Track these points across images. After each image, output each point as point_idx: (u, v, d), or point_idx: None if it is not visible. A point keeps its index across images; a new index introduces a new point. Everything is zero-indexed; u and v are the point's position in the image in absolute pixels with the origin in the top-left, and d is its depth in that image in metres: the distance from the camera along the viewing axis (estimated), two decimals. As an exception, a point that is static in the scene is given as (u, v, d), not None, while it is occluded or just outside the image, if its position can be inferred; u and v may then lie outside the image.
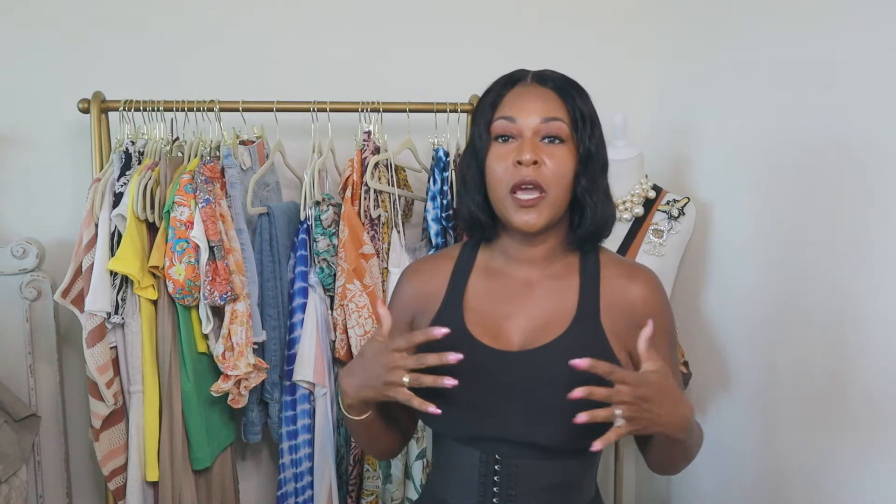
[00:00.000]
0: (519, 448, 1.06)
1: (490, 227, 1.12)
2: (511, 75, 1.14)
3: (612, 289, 1.10)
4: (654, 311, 1.09)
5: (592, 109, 1.11)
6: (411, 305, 1.18)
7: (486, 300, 1.12)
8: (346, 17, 2.03)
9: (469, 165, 1.11)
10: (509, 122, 1.06)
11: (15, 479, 1.66)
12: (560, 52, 2.13)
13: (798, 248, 1.51)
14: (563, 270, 1.12)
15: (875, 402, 1.31)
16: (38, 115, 1.92)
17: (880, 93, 1.28)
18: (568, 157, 1.06)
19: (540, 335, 1.08)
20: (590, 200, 1.07)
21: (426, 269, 1.19)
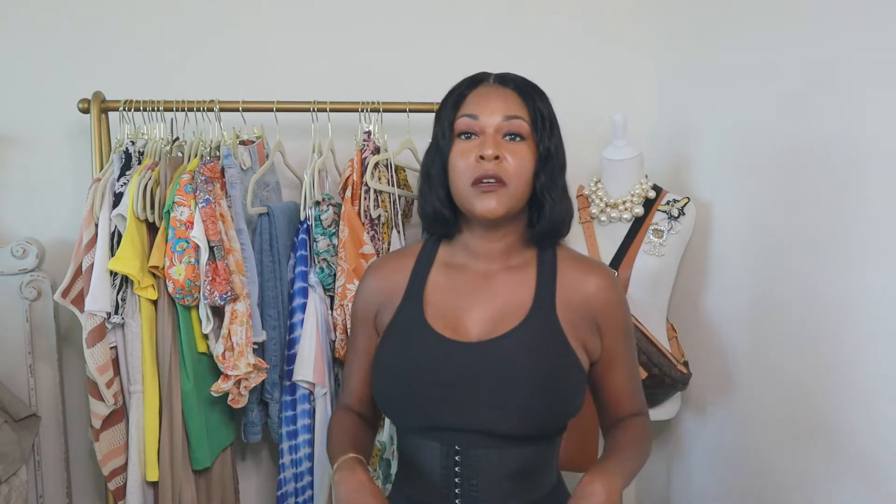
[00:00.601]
0: (478, 437, 1.09)
1: (452, 222, 1.16)
2: (474, 77, 1.18)
3: (569, 282, 1.14)
4: (608, 305, 1.14)
5: (552, 111, 1.16)
6: (375, 299, 1.22)
7: (446, 293, 1.16)
8: (346, 17, 2.03)
9: (433, 163, 1.15)
10: (472, 119, 1.11)
11: (15, 479, 1.66)
12: (560, 52, 2.13)
13: (798, 249, 1.51)
14: (521, 265, 1.16)
15: (875, 402, 1.31)
16: (38, 115, 1.92)
17: (880, 93, 1.28)
18: (528, 154, 1.11)
19: (497, 326, 1.11)
20: (548, 198, 1.12)
21: (389, 265, 1.24)
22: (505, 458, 1.09)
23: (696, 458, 1.94)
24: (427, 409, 1.10)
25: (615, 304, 1.16)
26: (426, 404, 1.10)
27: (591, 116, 2.12)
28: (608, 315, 1.15)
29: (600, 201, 1.85)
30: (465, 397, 1.08)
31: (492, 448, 1.09)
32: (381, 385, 1.15)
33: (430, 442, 1.11)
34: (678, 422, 2.01)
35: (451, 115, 1.13)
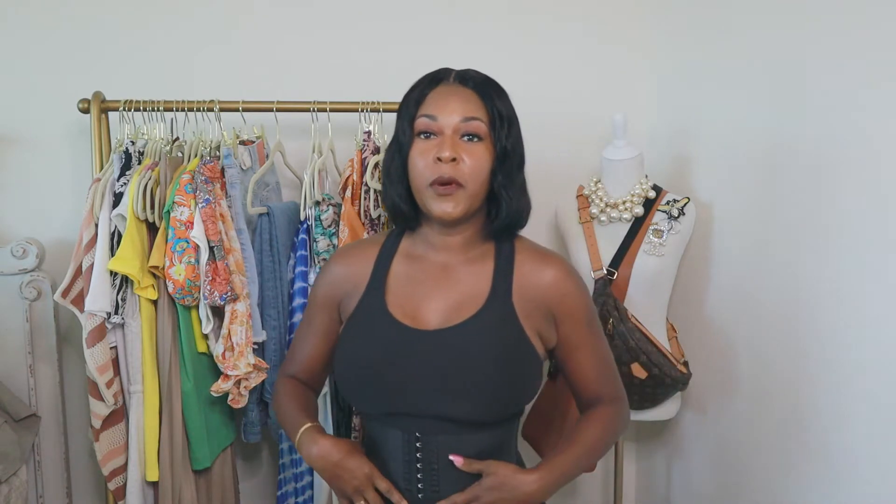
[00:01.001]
0: (437, 424, 1.12)
1: (412, 216, 1.19)
2: (435, 74, 1.20)
3: (525, 273, 1.18)
4: (564, 295, 1.18)
5: (511, 109, 1.18)
6: (339, 286, 1.24)
7: (407, 283, 1.19)
8: (346, 17, 2.03)
9: (393, 159, 1.18)
10: (431, 120, 1.13)
11: (15, 479, 1.66)
12: (560, 52, 2.13)
13: (798, 249, 1.51)
14: (479, 256, 1.20)
15: (877, 401, 1.31)
16: (38, 115, 1.93)
17: (880, 93, 1.28)
18: (485, 154, 1.13)
19: (455, 315, 1.15)
20: (505, 195, 1.15)
21: (354, 254, 1.27)
22: (464, 443, 1.13)
23: (696, 458, 1.94)
24: (387, 396, 1.14)
25: (572, 294, 1.19)
26: (386, 391, 1.14)
27: (591, 116, 2.12)
28: (564, 304, 1.18)
29: (600, 201, 1.85)
30: (423, 384, 1.12)
31: (451, 434, 1.12)
32: (343, 371, 1.19)
33: (392, 429, 1.15)
34: (678, 422, 2.02)
35: (412, 112, 1.15)
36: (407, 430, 1.14)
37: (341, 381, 1.20)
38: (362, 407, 1.20)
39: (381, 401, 1.15)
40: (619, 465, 2.04)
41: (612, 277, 1.79)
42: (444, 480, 1.14)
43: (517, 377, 1.14)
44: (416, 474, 1.14)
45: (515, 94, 2.07)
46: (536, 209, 2.14)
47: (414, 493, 1.15)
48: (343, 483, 1.13)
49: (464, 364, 1.11)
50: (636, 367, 1.72)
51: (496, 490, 1.09)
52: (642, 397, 1.77)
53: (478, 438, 1.14)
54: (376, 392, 1.15)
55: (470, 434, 1.13)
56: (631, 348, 1.70)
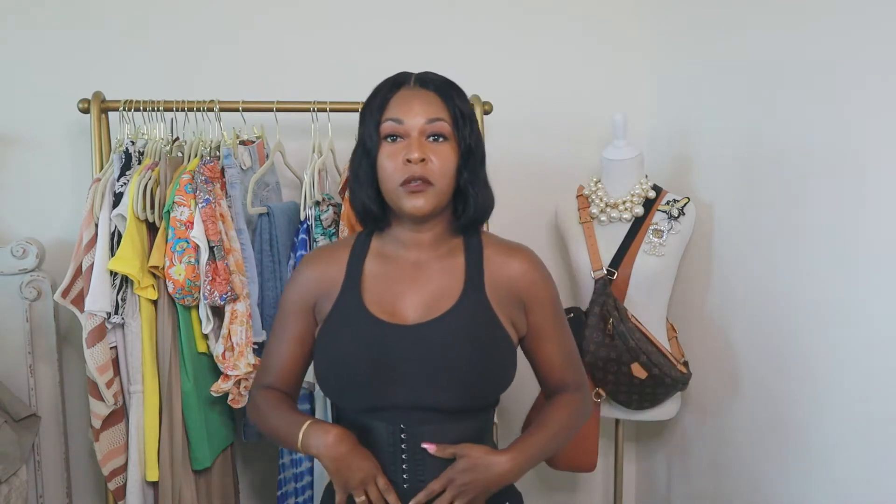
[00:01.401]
0: (421, 413, 1.16)
1: (381, 217, 1.23)
2: (395, 78, 1.23)
3: (495, 265, 1.23)
4: (532, 284, 1.24)
5: (470, 108, 1.22)
6: (313, 290, 1.26)
7: (382, 281, 1.23)
8: (345, 17, 2.03)
9: (361, 163, 1.21)
10: (397, 123, 1.17)
11: (15, 479, 1.66)
12: (560, 52, 2.13)
13: (798, 249, 1.51)
14: (450, 251, 1.24)
15: (877, 402, 1.31)
16: (38, 115, 1.93)
17: (881, 94, 1.28)
18: (451, 153, 1.18)
19: (433, 309, 1.19)
20: (472, 190, 1.20)
21: (325, 257, 1.29)
22: (447, 431, 1.17)
23: (696, 458, 1.94)
24: (372, 391, 1.17)
25: (539, 282, 1.25)
26: (371, 386, 1.17)
27: (591, 116, 2.13)
28: (533, 293, 1.24)
29: (600, 201, 1.85)
30: (407, 377, 1.16)
31: (435, 423, 1.16)
32: (326, 371, 1.21)
33: (376, 422, 1.18)
34: (678, 422, 2.02)
35: (377, 117, 1.19)
36: (391, 422, 1.17)
37: (323, 380, 1.22)
38: (346, 403, 1.23)
39: (366, 396, 1.18)
40: (619, 465, 2.04)
41: (612, 277, 1.79)
42: (429, 470, 1.17)
43: (496, 365, 1.19)
44: (401, 465, 1.17)
45: (516, 94, 2.09)
46: (536, 209, 2.16)
47: (399, 484, 1.18)
48: (349, 474, 1.13)
49: (446, 355, 1.15)
50: (636, 367, 1.72)
51: (470, 471, 1.12)
52: (642, 397, 1.77)
53: (460, 427, 1.18)
54: (361, 388, 1.17)
55: (452, 423, 1.17)
56: (631, 348, 1.70)
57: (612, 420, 2.00)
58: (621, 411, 1.85)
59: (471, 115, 1.21)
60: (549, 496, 2.30)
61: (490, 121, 1.98)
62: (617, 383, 1.75)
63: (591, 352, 1.75)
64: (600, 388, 1.79)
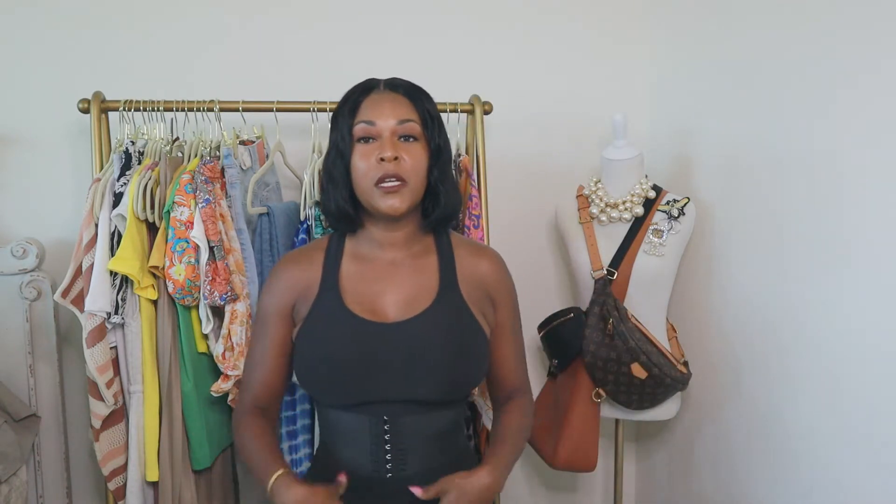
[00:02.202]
0: (403, 406, 1.22)
1: (356, 218, 1.27)
2: (365, 84, 1.28)
3: (465, 265, 1.30)
4: (499, 283, 1.31)
5: (437, 110, 1.27)
6: (291, 293, 1.29)
7: (360, 281, 1.27)
8: (345, 17, 2.03)
9: (335, 165, 1.25)
10: (369, 125, 1.22)
11: (15, 479, 1.66)
12: (560, 52, 2.13)
13: (798, 249, 1.51)
14: (422, 250, 1.30)
15: (878, 402, 1.31)
16: (38, 115, 1.93)
17: (880, 93, 1.28)
18: (421, 152, 1.23)
19: (412, 307, 1.24)
20: (442, 188, 1.25)
21: (300, 259, 1.32)
22: (428, 422, 1.24)
23: (696, 458, 1.94)
24: (355, 387, 1.21)
25: (505, 282, 1.32)
26: (355, 382, 1.21)
27: (591, 116, 2.13)
28: (499, 291, 1.31)
29: (600, 201, 1.85)
30: (391, 373, 1.20)
31: (416, 414, 1.23)
32: (308, 370, 1.25)
33: (359, 415, 1.23)
34: (678, 422, 2.02)
35: (349, 121, 1.23)
36: (375, 415, 1.22)
37: (306, 379, 1.26)
38: (330, 400, 1.26)
39: (350, 392, 1.22)
40: (619, 465, 2.04)
41: (612, 277, 1.79)
42: (411, 459, 1.23)
43: (473, 358, 1.25)
44: (384, 455, 1.23)
45: (516, 94, 2.09)
46: (536, 209, 2.17)
47: (383, 473, 1.23)
48: None
49: (427, 351, 1.21)
50: (636, 367, 1.72)
51: (462, 498, 1.16)
52: (642, 397, 1.77)
53: (438, 416, 1.25)
54: (344, 384, 1.21)
55: (432, 413, 1.24)
56: (631, 348, 1.70)
57: (612, 420, 2.00)
58: (621, 411, 1.85)
59: (438, 118, 1.26)
60: (549, 496, 2.30)
61: (490, 121, 1.98)
62: (617, 383, 1.76)
63: (591, 352, 1.75)
64: (600, 388, 1.79)
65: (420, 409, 1.23)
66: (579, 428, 1.81)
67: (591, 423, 1.82)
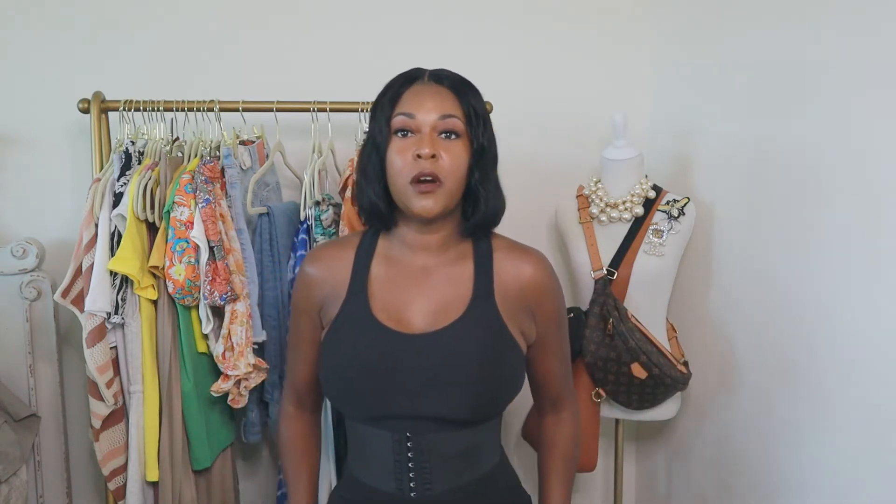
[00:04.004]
0: (427, 423, 1.14)
1: (389, 215, 1.19)
2: (409, 73, 1.20)
3: (504, 271, 1.19)
4: (542, 292, 1.20)
5: (484, 107, 1.18)
6: (319, 291, 1.23)
7: (389, 287, 1.19)
8: (346, 17, 2.03)
9: (370, 158, 1.17)
10: (408, 118, 1.13)
11: (15, 479, 1.66)
12: (560, 52, 2.13)
13: (798, 248, 1.51)
14: (458, 256, 1.20)
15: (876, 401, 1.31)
16: (38, 115, 1.92)
17: (880, 94, 1.28)
18: (462, 151, 1.14)
19: (440, 318, 1.16)
20: (482, 191, 1.16)
21: (329, 256, 1.25)
22: (453, 440, 1.15)
23: (696, 458, 1.94)
24: (377, 400, 1.15)
25: (549, 290, 1.21)
26: (377, 395, 1.14)
27: (591, 116, 2.12)
28: (542, 301, 1.20)
29: (600, 201, 1.85)
30: (413, 387, 1.13)
31: (442, 432, 1.14)
32: (330, 378, 1.19)
33: (382, 431, 1.16)
34: (678, 422, 2.02)
35: (388, 112, 1.15)
36: (397, 430, 1.15)
37: (328, 386, 1.20)
38: (351, 412, 1.20)
39: (371, 405, 1.15)
40: (619, 465, 2.04)
41: (612, 277, 1.79)
42: (436, 478, 1.15)
43: (504, 375, 1.16)
44: (407, 473, 1.15)
45: (516, 94, 2.09)
46: (536, 209, 2.16)
47: (406, 493, 1.16)
48: None
49: (453, 366, 1.13)
50: (636, 367, 1.72)
51: None
52: (642, 397, 1.77)
53: (466, 434, 1.16)
54: (366, 397, 1.15)
55: (458, 431, 1.15)
56: (631, 348, 1.70)
57: (612, 420, 2.00)
58: (621, 411, 1.85)
59: (485, 115, 1.17)
60: (549, 496, 2.30)
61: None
62: (617, 383, 1.75)
63: (591, 352, 1.75)
64: (600, 388, 1.79)
65: (445, 426, 1.14)
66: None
67: (591, 423, 1.82)
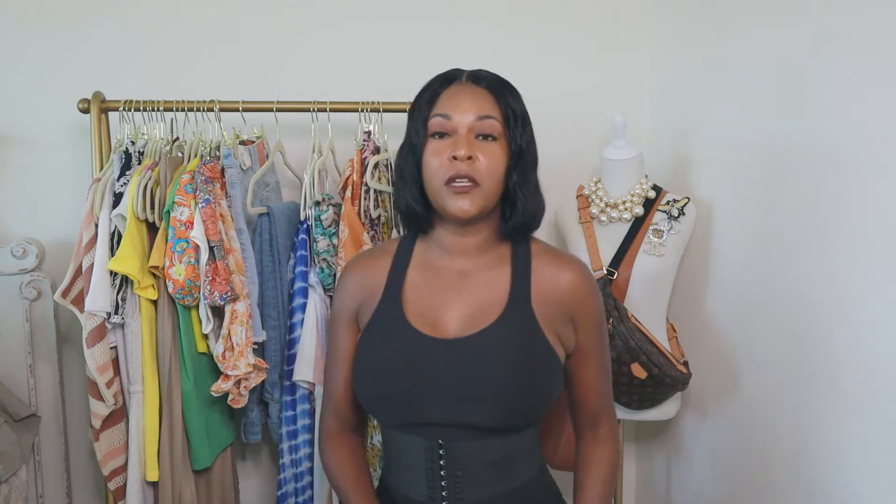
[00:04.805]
0: (460, 430, 1.11)
1: (425, 218, 1.17)
2: (447, 74, 1.19)
3: (543, 277, 1.16)
4: (582, 299, 1.16)
5: (524, 108, 1.17)
6: (356, 297, 1.23)
7: (424, 291, 1.18)
8: (345, 17, 2.03)
9: (406, 160, 1.16)
10: (445, 119, 1.11)
11: (15, 479, 1.66)
12: (560, 52, 2.13)
13: (798, 248, 1.51)
14: (496, 260, 1.18)
15: (876, 401, 1.31)
16: (38, 115, 1.92)
17: (880, 93, 1.28)
18: (500, 153, 1.12)
19: (475, 323, 1.13)
20: (520, 194, 1.13)
21: (366, 263, 1.25)
22: (487, 449, 1.12)
23: (696, 458, 1.94)
24: (409, 406, 1.13)
25: (589, 298, 1.18)
26: (408, 401, 1.12)
27: (591, 116, 2.12)
28: (581, 309, 1.17)
29: (600, 201, 1.85)
30: (446, 393, 1.11)
31: (475, 440, 1.12)
32: (363, 383, 1.17)
33: (414, 437, 1.14)
34: (678, 422, 2.02)
35: (425, 113, 1.14)
36: (429, 437, 1.13)
37: (360, 391, 1.18)
38: (383, 417, 1.18)
39: (403, 411, 1.14)
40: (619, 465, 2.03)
41: (612, 277, 1.79)
42: (468, 487, 1.13)
43: (538, 384, 1.13)
44: (439, 482, 1.13)
45: (515, 94, 2.08)
46: (536, 209, 2.16)
47: (438, 501, 1.14)
48: None
49: (485, 372, 1.10)
50: (636, 367, 1.72)
51: None
52: (642, 397, 1.77)
53: (500, 443, 1.13)
54: (398, 402, 1.13)
55: (493, 439, 1.12)
56: (631, 348, 1.70)
57: (612, 420, 2.00)
58: (621, 411, 1.85)
59: (524, 116, 1.16)
60: (549, 496, 2.30)
61: (490, 121, 1.97)
62: (617, 383, 1.75)
63: (591, 352, 1.75)
64: (600, 388, 1.79)
65: (479, 434, 1.11)
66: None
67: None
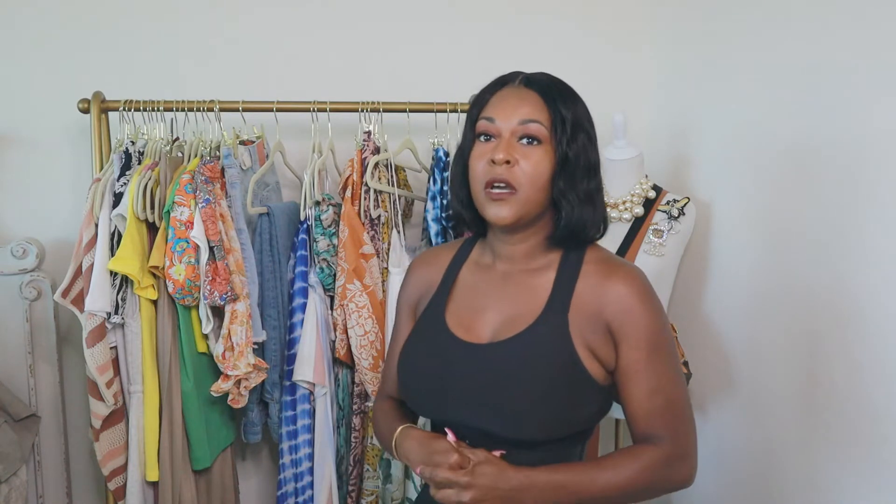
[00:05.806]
0: (484, 438, 1.08)
1: (473, 222, 1.17)
2: (503, 77, 1.17)
3: (587, 287, 1.10)
4: (626, 313, 1.07)
5: (579, 114, 1.11)
6: (417, 290, 1.25)
7: (469, 293, 1.18)
8: (346, 17, 2.03)
9: (456, 163, 1.16)
10: (489, 122, 1.10)
11: (15, 479, 1.66)
12: (561, 52, 2.13)
13: (798, 248, 1.51)
14: (542, 267, 1.14)
15: (875, 400, 1.31)
16: (38, 115, 1.92)
17: (880, 93, 1.28)
18: (544, 158, 1.07)
19: (506, 329, 1.10)
20: (565, 202, 1.08)
21: (431, 259, 1.26)
22: (513, 461, 1.06)
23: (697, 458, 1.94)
24: (436, 407, 1.14)
25: (636, 312, 1.07)
26: (434, 400, 1.13)
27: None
28: (625, 323, 1.07)
29: (600, 201, 1.85)
30: (464, 398, 1.09)
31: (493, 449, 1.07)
32: (402, 376, 1.20)
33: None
34: (678, 422, 2.01)
35: (474, 115, 1.13)
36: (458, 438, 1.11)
37: (401, 384, 1.20)
38: (420, 412, 1.21)
39: (432, 409, 1.15)
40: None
41: (612, 277, 1.78)
42: None
43: (562, 398, 1.07)
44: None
45: (515, 94, 2.08)
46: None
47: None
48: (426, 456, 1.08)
49: (503, 381, 1.07)
50: (636, 367, 1.71)
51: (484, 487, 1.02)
52: (642, 397, 1.77)
53: (528, 456, 1.07)
54: (427, 400, 1.15)
55: (520, 451, 1.07)
56: (631, 348, 1.70)
57: (612, 420, 2.00)
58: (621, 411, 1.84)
59: (575, 122, 1.09)
60: (549, 496, 2.30)
61: (490, 121, 1.97)
62: (617, 383, 1.75)
63: (591, 352, 1.75)
64: (600, 388, 1.79)
65: (496, 443, 1.07)
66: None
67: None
